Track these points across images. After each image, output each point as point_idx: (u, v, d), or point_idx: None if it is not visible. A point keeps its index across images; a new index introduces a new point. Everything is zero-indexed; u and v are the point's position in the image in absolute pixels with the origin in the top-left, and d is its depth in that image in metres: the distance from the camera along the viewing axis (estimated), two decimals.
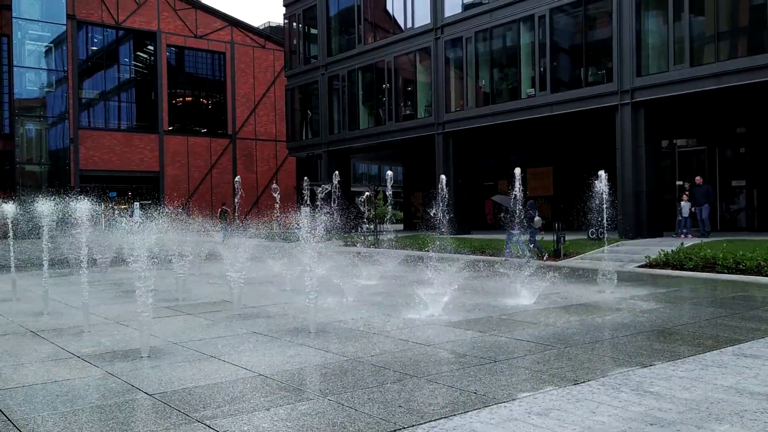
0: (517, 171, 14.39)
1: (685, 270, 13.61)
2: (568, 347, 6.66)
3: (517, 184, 13.95)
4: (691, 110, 21.94)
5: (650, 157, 20.20)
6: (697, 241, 16.75)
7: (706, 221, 19.01)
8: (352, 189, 36.75)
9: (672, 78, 19.04)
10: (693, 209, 19.14)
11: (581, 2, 21.64)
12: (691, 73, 18.59)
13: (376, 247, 22.63)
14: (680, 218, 19.55)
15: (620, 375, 5.50)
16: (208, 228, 28.14)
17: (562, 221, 20.32)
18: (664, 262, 14.32)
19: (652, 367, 5.78)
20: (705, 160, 23.28)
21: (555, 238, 17.42)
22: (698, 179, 19.43)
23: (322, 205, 21.87)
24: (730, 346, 6.62)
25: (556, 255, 16.98)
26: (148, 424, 4.47)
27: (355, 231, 29.33)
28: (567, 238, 17.98)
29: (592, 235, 19.30)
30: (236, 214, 34.10)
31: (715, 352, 6.37)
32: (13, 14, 35.08)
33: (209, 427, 4.37)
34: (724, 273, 12.94)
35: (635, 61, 19.98)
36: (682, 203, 19.48)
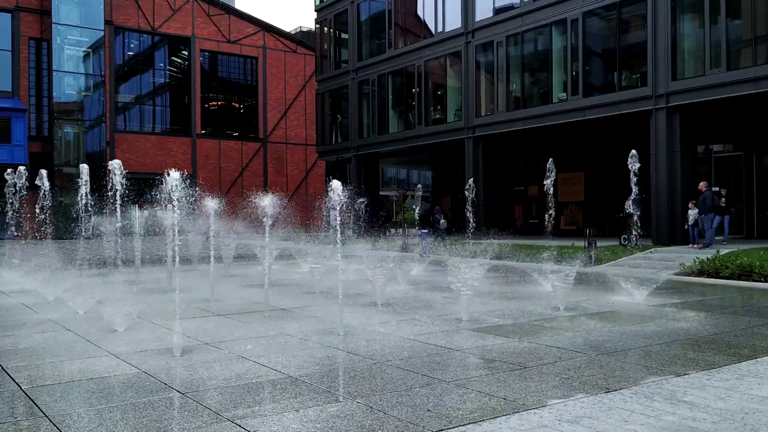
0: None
1: (721, 278, 13.33)
2: (600, 354, 6.58)
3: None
4: (727, 115, 21.51)
5: (685, 163, 19.84)
6: (733, 248, 16.36)
7: (705, 232, 17.81)
8: (380, 193, 36.83)
9: (708, 82, 18.69)
10: (698, 218, 18.15)
11: (615, 5, 21.39)
12: (728, 77, 18.24)
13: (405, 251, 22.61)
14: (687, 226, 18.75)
15: (653, 384, 5.42)
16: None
17: (594, 227, 20.07)
18: (699, 270, 14.04)
19: (686, 376, 5.68)
20: (742, 166, 22.80)
21: (586, 245, 17.21)
22: (701, 185, 18.41)
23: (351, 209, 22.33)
24: (766, 356, 6.47)
25: (587, 261, 16.78)
26: (180, 421, 4.54)
27: (384, 234, 29.36)
28: (599, 244, 17.76)
29: (625, 241, 19.02)
30: None
31: (750, 361, 6.23)
32: (53, 20, 35.97)
33: (240, 426, 4.42)
34: (761, 282, 12.64)
35: (670, 64, 19.66)
36: (690, 211, 18.50)
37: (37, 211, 17.75)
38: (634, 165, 17.85)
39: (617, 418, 4.51)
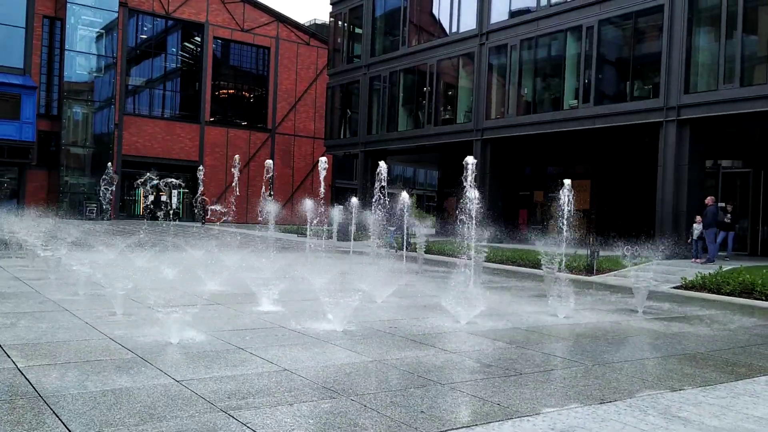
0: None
1: (722, 294, 13.28)
2: (596, 365, 6.56)
3: None
4: (738, 131, 21.41)
5: (693, 177, 19.76)
6: (736, 265, 16.30)
7: (709, 246, 17.73)
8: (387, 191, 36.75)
9: (721, 97, 18.61)
10: (702, 233, 18.02)
11: (631, 15, 21.31)
12: (741, 93, 18.15)
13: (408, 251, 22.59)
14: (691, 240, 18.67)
15: (648, 397, 5.40)
16: None
17: (598, 236, 20.04)
18: (701, 285, 14.00)
19: (681, 391, 5.66)
20: (750, 183, 22.72)
21: (588, 253, 17.17)
22: (708, 200, 18.26)
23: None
24: (763, 375, 6.45)
25: (589, 270, 16.75)
26: (174, 409, 4.55)
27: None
28: (602, 253, 17.72)
29: (628, 252, 18.97)
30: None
31: (747, 380, 6.21)
32: None
33: (233, 417, 4.42)
34: (762, 300, 12.60)
35: (683, 77, 19.57)
36: (695, 225, 18.48)
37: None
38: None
39: (610, 430, 4.50)
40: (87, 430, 4.08)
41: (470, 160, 11.47)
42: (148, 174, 24.31)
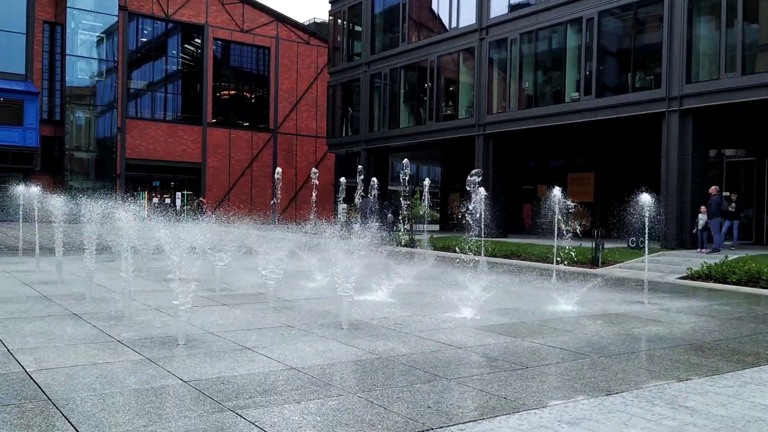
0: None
1: (728, 284, 13.26)
2: (602, 357, 6.56)
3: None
4: (741, 120, 21.34)
5: (696, 167, 19.70)
6: (741, 254, 16.26)
7: (714, 236, 17.62)
8: (389, 188, 36.80)
9: (723, 86, 18.54)
10: (707, 223, 17.99)
11: (631, 5, 21.23)
12: (743, 82, 18.08)
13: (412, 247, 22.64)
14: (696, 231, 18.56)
15: (655, 388, 5.40)
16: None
17: (603, 228, 20.00)
18: (707, 275, 13.98)
19: (688, 381, 5.66)
20: (754, 172, 22.64)
21: (593, 246, 17.16)
22: (712, 190, 18.17)
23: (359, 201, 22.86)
24: None
25: (594, 263, 16.73)
26: (182, 409, 4.58)
27: (392, 230, 29.38)
28: (607, 246, 17.70)
29: (633, 244, 18.95)
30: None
31: (754, 369, 6.21)
32: (68, 4, 36.08)
33: (240, 416, 4.45)
34: None
35: (685, 67, 19.50)
36: (699, 215, 18.42)
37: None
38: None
39: (617, 421, 4.51)
40: None
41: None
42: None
